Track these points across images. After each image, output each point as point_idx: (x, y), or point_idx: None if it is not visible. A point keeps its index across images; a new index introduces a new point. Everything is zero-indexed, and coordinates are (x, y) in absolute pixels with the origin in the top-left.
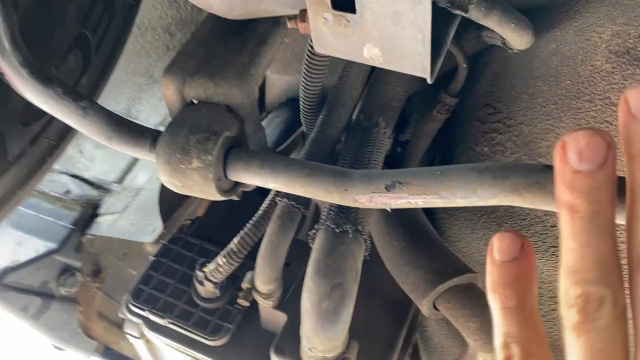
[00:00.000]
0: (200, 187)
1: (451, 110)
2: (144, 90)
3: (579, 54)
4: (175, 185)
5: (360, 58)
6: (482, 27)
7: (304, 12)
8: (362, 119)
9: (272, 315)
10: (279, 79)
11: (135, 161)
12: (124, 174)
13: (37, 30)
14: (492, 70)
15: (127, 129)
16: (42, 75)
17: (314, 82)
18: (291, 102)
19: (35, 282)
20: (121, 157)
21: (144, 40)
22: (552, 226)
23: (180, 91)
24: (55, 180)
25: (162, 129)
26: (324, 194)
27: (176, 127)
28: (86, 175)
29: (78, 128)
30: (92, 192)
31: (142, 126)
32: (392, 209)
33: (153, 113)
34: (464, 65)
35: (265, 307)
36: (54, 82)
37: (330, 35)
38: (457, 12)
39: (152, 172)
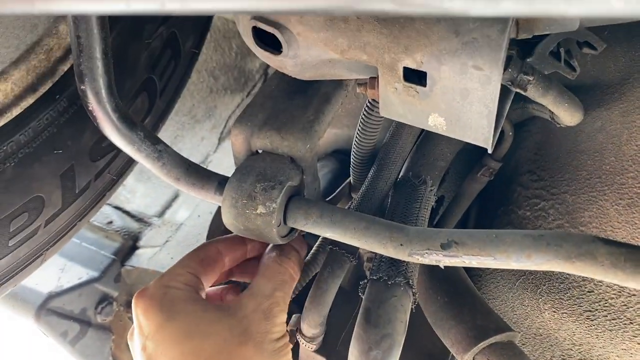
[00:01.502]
0: (262, 232)
1: (494, 174)
2: (186, 129)
3: (624, 134)
4: (238, 229)
5: (425, 125)
6: (527, 100)
7: (373, 79)
8: (410, 177)
9: (311, 359)
10: (327, 131)
11: (175, 197)
12: (165, 208)
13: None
14: (535, 140)
15: (195, 172)
16: (129, 120)
17: (367, 139)
18: (337, 154)
19: (75, 308)
20: (162, 193)
21: (189, 82)
22: (589, 291)
23: (248, 141)
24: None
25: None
26: (380, 247)
27: (243, 174)
28: (127, 208)
29: (152, 169)
30: (133, 225)
31: (209, 171)
32: (432, 265)
33: (195, 152)
34: (510, 134)
35: (307, 350)
36: (137, 127)
37: (397, 103)
38: (517, 90)
39: (192, 209)
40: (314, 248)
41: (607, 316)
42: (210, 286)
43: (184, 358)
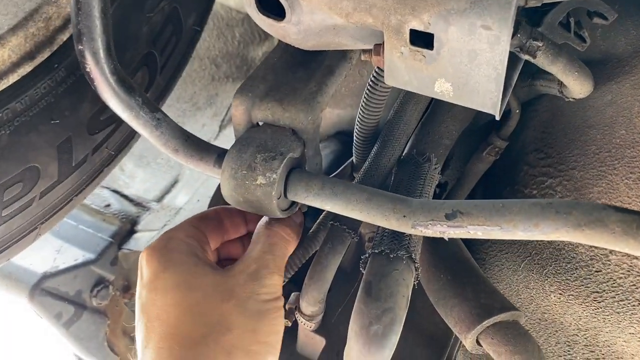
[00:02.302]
0: (261, 204)
1: (500, 153)
2: (187, 116)
3: (635, 106)
4: (237, 201)
5: (431, 92)
6: (535, 77)
7: (378, 46)
8: (414, 154)
9: (310, 339)
10: (330, 112)
11: (175, 182)
12: (164, 193)
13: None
14: (542, 118)
15: (194, 143)
16: (128, 84)
17: (371, 115)
18: (340, 135)
19: (71, 290)
20: (161, 178)
21: (191, 69)
22: (596, 271)
23: (249, 112)
24: (97, 193)
25: None
26: (382, 219)
27: (243, 145)
28: (126, 192)
29: (149, 138)
30: (131, 209)
31: (209, 143)
32: (435, 243)
33: None
34: (517, 111)
35: (305, 329)
36: (135, 92)
37: (403, 69)
38: (526, 57)
39: (191, 194)
40: (315, 225)
41: (615, 297)
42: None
43: (167, 308)
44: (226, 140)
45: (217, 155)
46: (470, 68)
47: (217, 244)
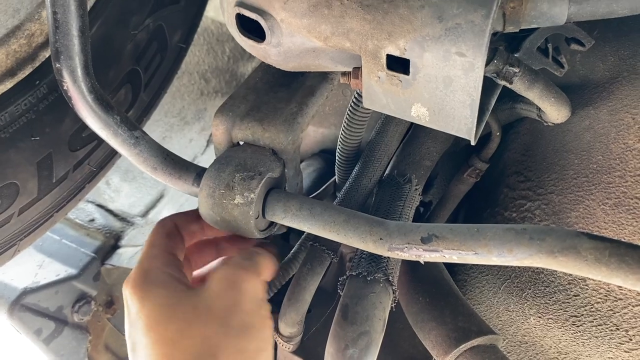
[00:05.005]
0: (238, 224)
1: (481, 175)
2: (175, 130)
3: (612, 132)
4: (214, 220)
5: (407, 116)
6: (516, 100)
7: (357, 69)
8: (395, 175)
9: None
10: (314, 131)
11: (160, 197)
12: (149, 208)
13: (95, 63)
14: (523, 141)
15: (173, 162)
16: (105, 102)
17: (353, 135)
18: (324, 154)
19: (51, 305)
20: (147, 193)
21: (180, 84)
22: (574, 295)
23: (229, 132)
24: (81, 208)
25: None
26: (359, 241)
27: (222, 164)
28: (111, 207)
29: (127, 156)
30: (116, 224)
31: (188, 161)
32: (414, 265)
33: (182, 153)
34: (498, 134)
35: (284, 350)
36: (114, 110)
37: (380, 93)
38: (502, 82)
39: (176, 209)
40: (295, 246)
41: (593, 322)
42: None
43: (153, 347)
44: (213, 155)
45: (196, 173)
46: (445, 94)
47: (181, 258)
